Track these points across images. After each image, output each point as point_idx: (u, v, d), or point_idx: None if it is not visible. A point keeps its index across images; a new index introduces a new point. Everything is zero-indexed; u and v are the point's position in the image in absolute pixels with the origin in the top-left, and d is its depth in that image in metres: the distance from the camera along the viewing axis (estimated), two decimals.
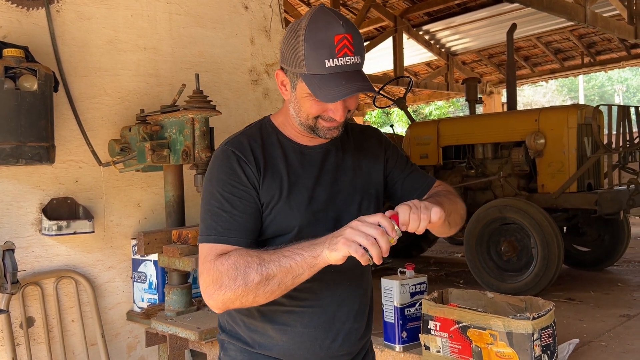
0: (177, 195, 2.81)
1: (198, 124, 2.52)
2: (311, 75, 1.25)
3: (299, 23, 1.28)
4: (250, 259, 1.21)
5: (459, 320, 2.36)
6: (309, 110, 1.31)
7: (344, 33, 1.24)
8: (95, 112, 2.99)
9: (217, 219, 1.29)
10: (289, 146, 1.40)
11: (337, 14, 1.27)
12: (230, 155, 1.33)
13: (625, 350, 2.93)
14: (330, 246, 1.16)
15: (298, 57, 1.26)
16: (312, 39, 1.24)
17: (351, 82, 1.24)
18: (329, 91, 1.23)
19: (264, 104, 3.70)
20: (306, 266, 1.19)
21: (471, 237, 4.61)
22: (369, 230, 1.14)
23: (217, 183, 1.32)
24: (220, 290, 1.22)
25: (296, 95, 1.32)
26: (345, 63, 1.24)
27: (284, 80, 1.35)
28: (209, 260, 1.26)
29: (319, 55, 1.23)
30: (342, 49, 1.23)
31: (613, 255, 5.09)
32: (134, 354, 3.07)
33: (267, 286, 1.20)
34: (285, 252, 1.20)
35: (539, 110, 4.97)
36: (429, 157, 5.51)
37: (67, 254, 2.86)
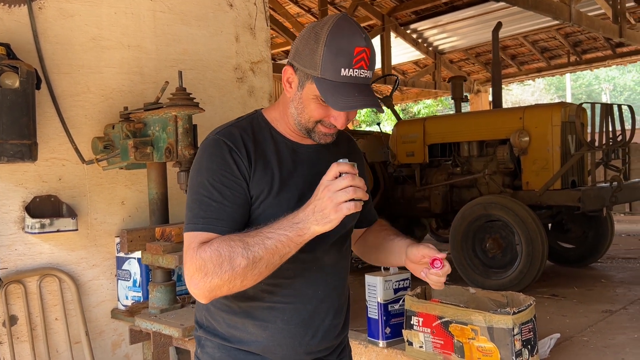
0: (161, 193, 2.81)
1: (181, 121, 2.52)
2: (324, 80, 1.26)
3: (322, 26, 1.28)
4: (234, 243, 1.21)
5: (441, 315, 2.39)
6: (312, 113, 1.32)
7: (364, 47, 1.26)
8: (79, 109, 2.97)
9: (206, 208, 1.28)
10: (281, 142, 1.39)
11: (359, 27, 1.29)
12: (222, 145, 1.31)
13: (606, 345, 2.98)
14: (320, 221, 1.18)
15: (315, 59, 1.26)
16: (334, 45, 1.25)
17: (362, 95, 1.26)
18: (341, 99, 1.25)
19: (249, 102, 3.70)
20: (293, 245, 1.21)
21: (456, 234, 4.65)
22: (341, 184, 1.18)
23: (206, 172, 1.30)
24: (206, 277, 1.21)
25: (302, 95, 1.32)
26: (359, 75, 1.26)
27: (290, 78, 1.34)
28: (192, 248, 1.25)
29: (337, 63, 1.24)
30: (360, 61, 1.26)
31: (597, 252, 5.15)
32: (118, 352, 3.06)
33: (254, 269, 1.20)
34: (267, 233, 1.21)
35: (523, 109, 5.01)
36: (415, 155, 5.54)
37: (50, 252, 2.85)
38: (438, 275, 1.36)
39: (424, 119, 5.86)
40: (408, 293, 2.58)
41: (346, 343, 1.58)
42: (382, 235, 1.58)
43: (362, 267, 5.17)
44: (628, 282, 4.51)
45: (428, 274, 1.38)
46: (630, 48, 9.84)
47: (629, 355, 2.79)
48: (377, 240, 1.59)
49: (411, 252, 1.41)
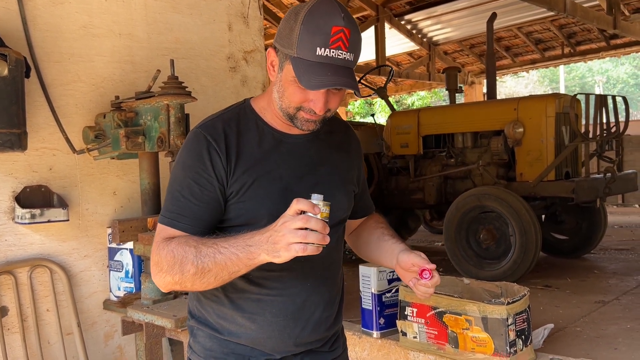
0: (153, 183, 2.78)
1: (173, 110, 2.49)
2: (300, 60, 1.23)
3: (302, 5, 1.26)
4: (188, 249, 1.21)
5: (435, 306, 2.38)
6: (291, 97, 1.29)
7: (342, 26, 1.22)
8: (69, 98, 2.94)
9: (175, 202, 1.29)
10: (268, 133, 1.36)
11: (341, 7, 1.25)
12: (201, 140, 1.30)
13: (599, 335, 2.98)
14: (270, 253, 1.14)
15: (292, 38, 1.24)
16: (310, 24, 1.22)
17: (337, 75, 1.22)
18: (313, 78, 1.22)
19: (242, 92, 3.67)
20: (242, 265, 1.18)
21: (450, 225, 4.64)
22: (295, 224, 1.12)
23: (182, 167, 1.31)
24: (160, 273, 1.24)
25: (282, 77, 1.29)
26: (337, 56, 1.22)
27: (273, 61, 1.31)
28: (156, 242, 1.28)
29: (313, 41, 1.21)
30: (337, 41, 1.22)
31: (590, 243, 5.16)
32: (111, 343, 3.04)
33: (203, 278, 1.20)
34: (222, 247, 1.19)
35: (518, 100, 5.00)
36: (409, 146, 5.53)
37: (41, 242, 2.82)
38: (427, 286, 1.35)
39: (418, 110, 5.84)
40: (402, 284, 2.58)
41: (340, 333, 1.56)
42: (377, 233, 1.55)
43: (355, 259, 5.17)
44: (621, 273, 4.53)
45: (417, 283, 1.37)
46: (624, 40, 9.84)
47: (621, 345, 2.79)
48: (370, 238, 1.57)
49: (402, 258, 1.39)
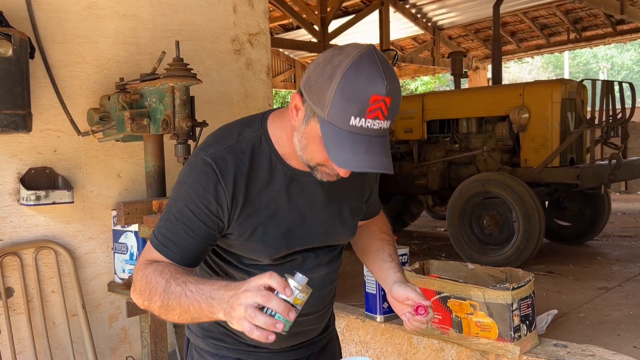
0: (158, 166, 2.77)
1: (178, 92, 2.47)
2: (330, 124, 1.10)
3: (340, 60, 1.10)
4: (160, 280, 1.16)
5: (440, 290, 2.38)
6: (314, 155, 1.19)
7: (383, 95, 1.08)
8: (74, 80, 2.92)
9: (170, 226, 1.24)
10: (280, 170, 1.27)
11: (384, 67, 1.10)
12: (210, 173, 1.21)
13: (601, 321, 2.99)
14: (226, 315, 1.07)
15: (324, 98, 1.10)
16: (347, 88, 1.08)
17: (369, 153, 1.10)
18: (343, 154, 1.10)
19: (247, 75, 3.65)
20: (203, 315, 1.12)
21: (454, 211, 4.65)
22: (253, 298, 1.03)
23: (185, 195, 1.24)
24: (134, 293, 1.23)
25: (306, 131, 1.17)
26: (372, 127, 1.09)
27: (297, 106, 1.18)
28: (140, 261, 1.25)
29: (347, 109, 1.08)
30: (376, 111, 1.08)
31: (593, 229, 5.17)
32: (115, 325, 3.06)
33: (167, 314, 1.17)
34: (189, 290, 1.12)
35: (523, 85, 4.98)
36: (414, 131, 5.51)
37: (46, 224, 2.82)
38: (421, 322, 1.32)
39: (422, 94, 5.81)
40: (406, 268, 2.58)
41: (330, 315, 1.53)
42: (376, 246, 1.51)
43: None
44: (624, 259, 4.53)
45: (411, 319, 1.33)
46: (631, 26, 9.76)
47: (624, 331, 2.80)
48: (369, 248, 1.53)
49: (397, 291, 1.35)
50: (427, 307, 1.30)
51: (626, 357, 2.11)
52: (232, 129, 1.29)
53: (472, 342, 2.29)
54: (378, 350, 2.69)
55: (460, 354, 2.37)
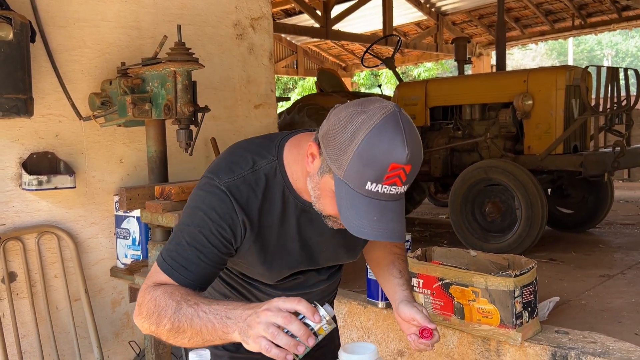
0: (160, 151, 2.76)
1: (180, 77, 2.46)
2: (345, 184, 1.09)
3: (362, 122, 1.06)
4: (171, 302, 1.13)
5: (442, 277, 2.38)
6: (326, 207, 1.18)
7: (403, 164, 1.05)
8: (75, 64, 2.90)
9: (181, 251, 1.21)
10: (292, 203, 1.27)
11: (407, 133, 1.06)
12: (226, 202, 1.20)
13: (603, 308, 2.99)
14: (242, 334, 1.05)
15: (341, 158, 1.07)
16: (366, 153, 1.04)
17: (383, 220, 1.09)
18: (356, 220, 1.09)
19: (249, 60, 3.62)
20: (216, 336, 1.09)
21: (456, 198, 4.63)
22: (274, 318, 1.02)
23: (200, 220, 1.21)
24: (139, 317, 1.19)
25: (320, 182, 1.16)
26: (388, 192, 1.07)
27: (314, 154, 1.16)
28: (147, 282, 1.22)
29: (364, 174, 1.06)
30: (393, 178, 1.06)
31: (596, 217, 5.15)
32: (118, 310, 3.07)
33: (176, 337, 1.13)
34: (202, 310, 1.10)
35: (528, 71, 4.93)
36: (416, 117, 5.48)
37: (48, 209, 2.82)
38: (426, 345, 1.31)
39: (426, 81, 5.78)
40: (409, 255, 2.57)
41: None
42: (387, 262, 1.51)
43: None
44: (626, 247, 4.52)
45: (416, 340, 1.32)
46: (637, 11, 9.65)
47: (625, 319, 2.80)
48: (381, 262, 1.53)
49: (403, 310, 1.35)
50: (432, 330, 1.30)
51: (627, 344, 2.11)
52: (247, 157, 1.26)
53: (473, 329, 2.29)
54: (380, 336, 2.70)
55: (462, 340, 2.38)
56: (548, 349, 2.14)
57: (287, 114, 5.91)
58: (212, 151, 3.45)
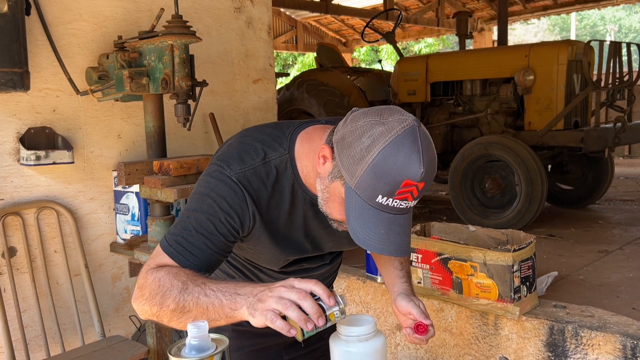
0: (158, 126, 2.74)
1: (177, 50, 2.43)
2: (355, 194, 1.08)
3: (380, 134, 1.04)
4: (176, 282, 1.11)
5: (441, 252, 2.38)
6: (333, 212, 1.18)
7: (417, 182, 1.03)
8: (71, 38, 2.86)
9: (187, 236, 1.19)
10: (300, 196, 1.26)
11: (424, 150, 1.04)
12: (237, 192, 1.19)
13: (601, 283, 3.00)
14: (249, 309, 1.03)
15: (355, 168, 1.06)
16: (380, 166, 1.03)
17: (390, 234, 1.08)
18: (363, 231, 1.08)
19: (247, 34, 3.58)
20: (222, 314, 1.06)
21: (456, 174, 4.63)
22: (288, 293, 1.01)
23: (209, 207, 1.19)
24: (140, 299, 1.15)
25: (329, 186, 1.15)
26: (398, 206, 1.06)
27: (326, 157, 1.14)
28: (149, 264, 1.19)
29: (377, 187, 1.04)
30: (405, 194, 1.05)
31: (595, 193, 5.15)
32: (118, 285, 3.08)
33: (180, 317, 1.10)
34: (210, 288, 1.08)
35: (529, 46, 4.89)
36: (417, 93, 5.44)
37: (47, 184, 2.82)
38: (421, 340, 1.31)
39: (426, 56, 5.72)
40: None
41: None
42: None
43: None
44: (625, 223, 4.53)
45: (411, 334, 1.32)
46: None
47: (623, 294, 2.82)
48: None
49: (400, 303, 1.35)
50: (427, 325, 1.30)
51: (625, 318, 2.13)
52: (258, 147, 1.24)
53: (472, 303, 2.31)
54: (378, 311, 2.72)
55: (460, 314, 2.39)
56: (546, 323, 2.15)
57: (286, 90, 5.86)
58: (211, 127, 3.43)
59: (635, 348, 1.92)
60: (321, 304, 1.02)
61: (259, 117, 3.72)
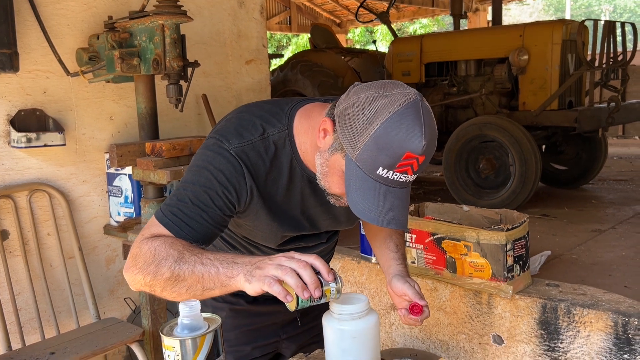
0: (150, 107, 2.72)
1: (168, 30, 2.39)
2: (356, 166, 1.07)
3: (383, 106, 1.04)
4: (172, 251, 1.09)
5: (434, 232, 2.38)
6: (332, 185, 1.17)
7: (418, 155, 1.03)
8: (61, 18, 2.82)
9: (184, 207, 1.17)
10: (298, 173, 1.25)
11: (426, 123, 1.04)
12: (235, 165, 1.18)
13: (594, 262, 3.03)
14: (246, 275, 1.02)
15: (357, 140, 1.05)
16: (383, 139, 1.02)
17: (389, 207, 1.08)
18: (362, 202, 1.08)
19: (240, 14, 3.54)
20: (218, 283, 1.05)
21: (450, 154, 4.63)
22: (288, 262, 1.01)
23: (206, 180, 1.18)
24: (133, 268, 1.12)
25: (329, 159, 1.14)
26: (398, 179, 1.06)
27: (327, 130, 1.13)
28: (143, 234, 1.17)
29: (377, 159, 1.04)
30: (405, 167, 1.04)
31: (589, 173, 5.17)
32: (112, 267, 3.08)
33: (174, 286, 1.08)
34: (207, 257, 1.07)
35: (524, 26, 4.86)
36: (411, 74, 5.42)
37: (38, 167, 2.79)
38: (416, 321, 1.31)
39: (421, 36, 5.69)
40: None
41: None
42: (384, 235, 1.51)
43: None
44: (618, 203, 4.56)
45: (406, 315, 1.32)
46: None
47: (615, 272, 2.84)
48: (378, 235, 1.53)
49: (395, 284, 1.35)
50: (422, 306, 1.29)
51: (617, 296, 2.14)
52: (256, 123, 1.23)
53: (465, 282, 2.31)
54: (373, 291, 2.73)
55: (453, 293, 2.40)
56: (538, 301, 2.17)
57: (280, 71, 5.82)
58: (204, 108, 3.40)
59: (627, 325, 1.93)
60: (319, 278, 1.02)
61: (252, 99, 3.69)
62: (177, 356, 0.98)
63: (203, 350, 0.99)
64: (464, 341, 2.37)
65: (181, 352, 0.98)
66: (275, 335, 1.57)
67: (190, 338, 0.98)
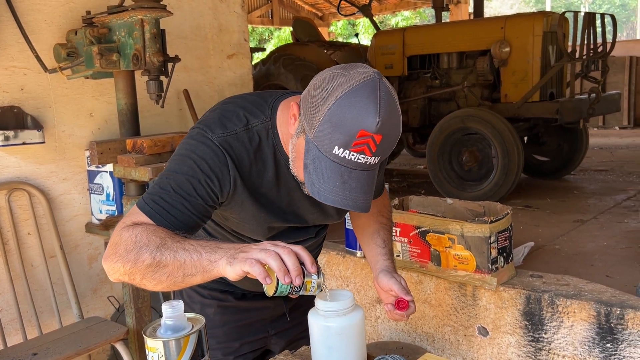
0: (130, 104, 2.68)
1: (148, 25, 2.36)
2: (314, 146, 1.06)
3: (339, 84, 1.03)
4: (154, 238, 1.07)
5: (419, 225, 2.39)
6: (298, 171, 1.16)
7: (373, 133, 1.01)
8: (37, 14, 2.77)
9: (166, 195, 1.15)
10: (282, 164, 1.24)
11: (383, 102, 1.02)
12: (218, 154, 1.16)
13: (576, 252, 3.06)
14: (229, 259, 1.00)
15: (314, 119, 1.05)
16: (336, 116, 1.01)
17: (345, 187, 1.06)
18: (317, 182, 1.07)
19: (220, 7, 3.50)
20: (200, 268, 1.03)
21: (433, 147, 4.64)
22: (275, 248, 1.01)
23: (189, 169, 1.16)
24: (113, 256, 1.09)
25: (296, 144, 1.13)
26: (356, 160, 1.04)
27: (295, 115, 1.13)
28: (124, 221, 1.15)
29: (332, 137, 1.03)
30: (361, 146, 1.02)
31: (571, 164, 5.23)
32: (95, 266, 3.04)
33: (155, 273, 1.06)
34: (190, 244, 1.06)
35: (505, 18, 4.89)
36: (394, 67, 5.42)
37: (17, 165, 2.74)
38: (402, 316, 1.31)
39: (403, 29, 5.68)
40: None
41: None
42: (372, 230, 1.51)
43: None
44: (599, 193, 4.61)
45: (392, 311, 1.32)
46: None
47: (597, 262, 2.87)
48: (365, 230, 1.53)
49: (382, 280, 1.35)
50: (408, 301, 1.30)
51: (599, 285, 2.16)
52: (240, 114, 1.22)
53: (450, 275, 2.33)
54: (358, 285, 2.73)
55: (438, 286, 2.41)
56: (522, 293, 2.18)
57: (262, 65, 5.79)
58: (185, 103, 3.37)
59: (609, 314, 1.96)
60: (302, 268, 1.02)
61: (234, 93, 3.66)
62: (161, 358, 0.97)
63: (187, 351, 0.98)
64: (449, 333, 2.39)
65: (165, 353, 0.97)
66: (264, 331, 1.56)
67: (173, 339, 0.97)
